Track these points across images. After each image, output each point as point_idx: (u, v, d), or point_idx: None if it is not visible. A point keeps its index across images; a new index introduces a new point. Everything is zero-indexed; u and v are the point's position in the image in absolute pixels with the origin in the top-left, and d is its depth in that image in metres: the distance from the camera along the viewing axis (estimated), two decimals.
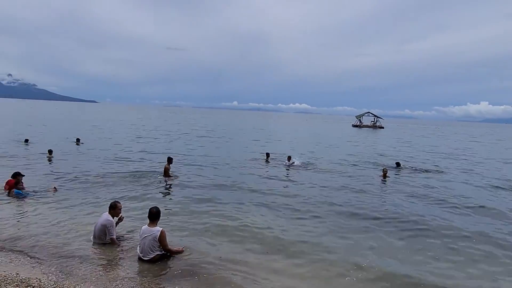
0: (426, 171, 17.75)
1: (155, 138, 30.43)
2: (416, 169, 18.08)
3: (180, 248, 6.42)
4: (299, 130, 60.08)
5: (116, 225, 6.84)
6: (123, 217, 7.17)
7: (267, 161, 18.97)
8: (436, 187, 13.79)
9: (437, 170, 18.19)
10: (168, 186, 12.22)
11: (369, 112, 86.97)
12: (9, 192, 9.71)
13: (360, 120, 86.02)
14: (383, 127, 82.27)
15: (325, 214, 9.62)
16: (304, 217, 9.21)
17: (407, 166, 18.75)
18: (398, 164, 18.39)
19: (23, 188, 9.93)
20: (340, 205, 10.57)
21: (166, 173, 13.23)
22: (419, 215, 9.78)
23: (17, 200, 9.40)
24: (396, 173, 16.97)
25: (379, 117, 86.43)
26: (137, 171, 14.40)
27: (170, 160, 13.75)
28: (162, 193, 11.28)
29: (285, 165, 17.76)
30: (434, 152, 28.83)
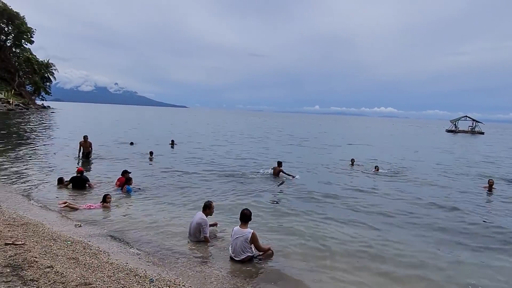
0: None
1: (244, 141, 31.60)
2: None
3: (268, 246, 6.51)
4: (385, 135, 56.79)
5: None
6: (217, 224, 7.63)
7: (352, 166, 18.38)
8: None
9: None
10: (263, 189, 12.63)
11: (466, 116, 78.34)
12: (122, 189, 10.94)
13: (455, 124, 78.07)
14: (483, 133, 73.36)
15: (423, 227, 8.87)
16: (395, 230, 8.63)
17: None
18: None
19: (131, 185, 11.13)
20: (439, 218, 9.69)
21: (276, 174, 14.85)
22: None
23: (127, 196, 10.52)
24: (508, 184, 14.99)
25: (479, 122, 77.38)
26: (231, 172, 15.28)
27: (280, 164, 15.13)
28: (254, 195, 11.59)
29: (372, 172, 16.94)
30: None
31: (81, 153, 16.98)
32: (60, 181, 11.41)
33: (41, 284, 4.33)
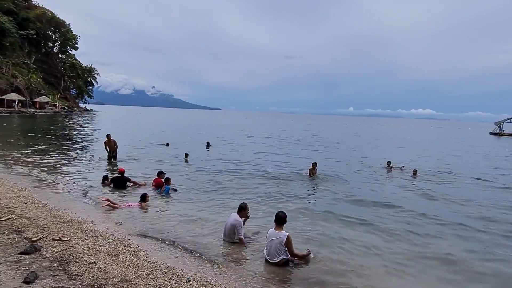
0: None
1: (279, 143, 31.59)
2: None
3: (306, 253, 6.42)
4: (422, 138, 54.60)
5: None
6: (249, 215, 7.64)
7: (389, 170, 17.82)
8: None
9: None
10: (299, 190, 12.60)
11: None
12: (160, 188, 11.28)
13: (500, 127, 73.62)
14: None
15: (471, 238, 8.44)
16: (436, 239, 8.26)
17: None
18: None
19: (170, 184, 11.44)
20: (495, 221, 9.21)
21: (311, 174, 15.12)
22: None
23: (164, 196, 10.81)
24: None
25: None
26: (267, 174, 15.38)
27: (314, 165, 15.35)
28: (290, 197, 11.56)
29: (409, 175, 16.37)
30: None
31: (106, 152, 17.03)
32: (105, 178, 11.94)
33: (85, 279, 4.54)
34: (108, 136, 16.99)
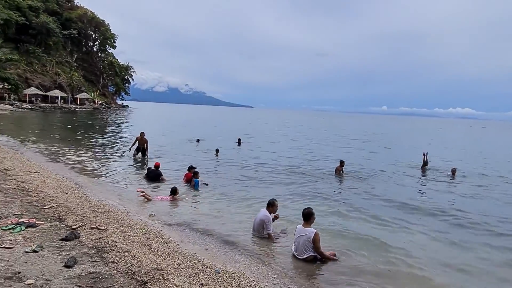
0: None
1: (309, 141, 31.39)
2: None
3: (332, 253, 6.37)
4: (460, 138, 52.21)
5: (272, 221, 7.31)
6: (279, 216, 7.67)
7: (423, 169, 17.20)
8: None
9: None
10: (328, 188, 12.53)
11: None
12: (190, 183, 11.55)
13: None
14: None
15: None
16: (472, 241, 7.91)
17: None
18: None
19: (198, 178, 11.69)
20: None
21: (338, 172, 14.98)
22: None
23: (194, 190, 11.07)
24: None
25: None
26: (297, 171, 15.38)
27: (342, 163, 15.18)
28: (319, 194, 11.48)
29: (448, 176, 15.71)
30: None
31: (134, 146, 16.91)
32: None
33: (120, 266, 4.75)
34: (142, 133, 17.05)
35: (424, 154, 17.42)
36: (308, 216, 6.28)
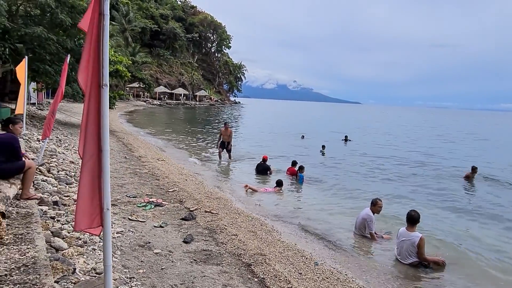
0: None
1: (426, 140, 28.92)
2: None
3: (439, 258, 5.91)
4: None
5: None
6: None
7: None
8: None
9: None
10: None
11: None
12: (295, 176, 11.91)
13: None
14: None
15: None
16: None
17: None
18: None
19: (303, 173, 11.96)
20: None
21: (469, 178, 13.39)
22: None
23: (298, 184, 11.40)
24: None
25: None
26: (407, 172, 14.60)
27: (474, 169, 13.45)
28: (432, 198, 10.72)
29: None
30: None
31: (220, 142, 15.16)
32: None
33: (228, 247, 5.30)
34: (226, 124, 15.39)
35: None
36: (413, 220, 5.93)
